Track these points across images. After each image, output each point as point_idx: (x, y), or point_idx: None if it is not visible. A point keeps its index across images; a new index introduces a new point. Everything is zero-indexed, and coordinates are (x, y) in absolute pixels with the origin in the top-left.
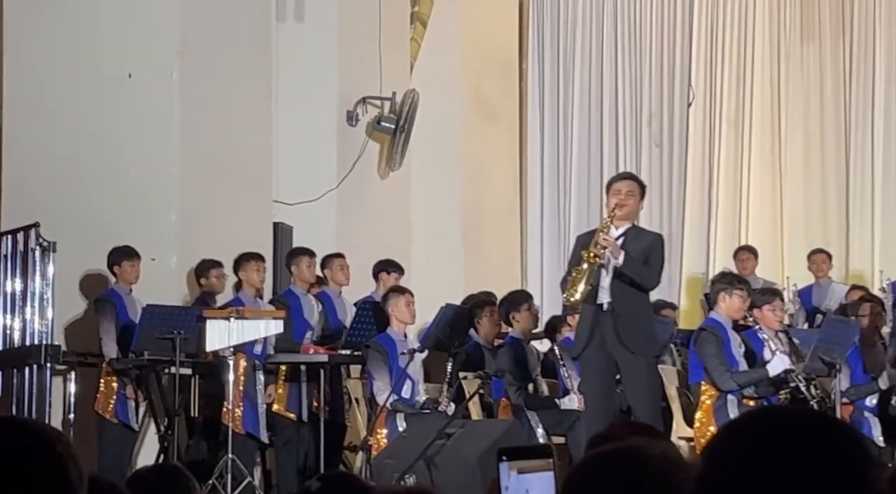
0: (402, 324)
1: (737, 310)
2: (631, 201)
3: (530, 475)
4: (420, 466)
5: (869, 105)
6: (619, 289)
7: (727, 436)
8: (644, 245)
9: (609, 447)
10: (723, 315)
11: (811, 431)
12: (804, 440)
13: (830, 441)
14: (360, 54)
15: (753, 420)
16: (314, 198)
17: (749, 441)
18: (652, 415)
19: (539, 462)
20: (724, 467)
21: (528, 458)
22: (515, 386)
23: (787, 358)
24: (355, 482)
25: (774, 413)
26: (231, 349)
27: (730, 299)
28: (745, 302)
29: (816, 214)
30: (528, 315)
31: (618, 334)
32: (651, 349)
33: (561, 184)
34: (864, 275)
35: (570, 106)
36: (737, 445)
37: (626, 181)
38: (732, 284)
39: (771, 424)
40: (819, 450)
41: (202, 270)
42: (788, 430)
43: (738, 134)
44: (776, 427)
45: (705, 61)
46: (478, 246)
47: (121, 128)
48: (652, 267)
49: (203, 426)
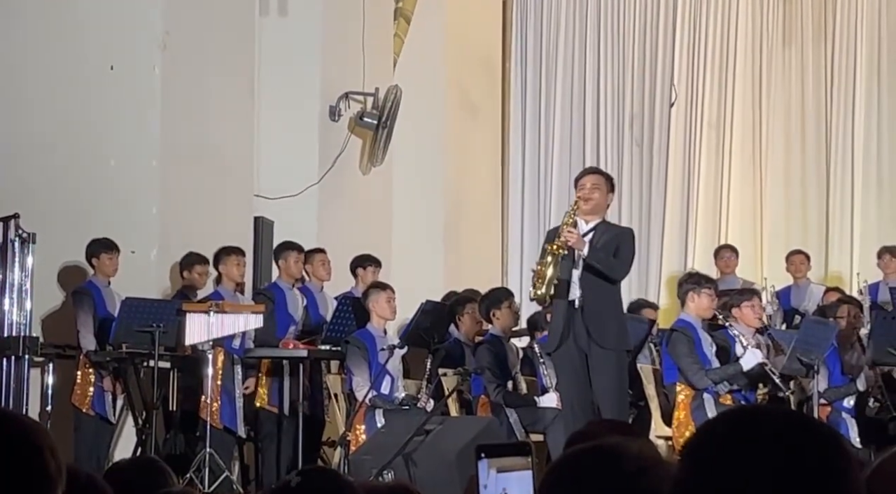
0: (382, 320)
1: (705, 309)
2: (596, 194)
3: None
4: (398, 462)
5: (850, 108)
6: (589, 284)
7: (705, 437)
8: (613, 239)
9: (586, 445)
10: (692, 315)
11: (789, 431)
12: (782, 440)
13: (809, 441)
14: (343, 49)
15: (731, 421)
16: (295, 193)
17: (727, 442)
18: (618, 411)
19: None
20: (701, 467)
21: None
22: (495, 384)
23: (759, 351)
24: (335, 477)
25: (752, 412)
26: (210, 343)
27: (698, 298)
28: (714, 301)
29: (796, 216)
30: (508, 312)
31: (587, 329)
32: (621, 344)
33: (542, 182)
34: (842, 277)
35: (553, 104)
36: (714, 445)
37: (592, 175)
38: (700, 284)
39: (749, 424)
40: (798, 450)
41: (187, 264)
42: (766, 430)
43: (719, 135)
44: (754, 427)
45: (688, 62)
46: (458, 242)
47: (102, 120)
48: (622, 259)
49: (180, 419)
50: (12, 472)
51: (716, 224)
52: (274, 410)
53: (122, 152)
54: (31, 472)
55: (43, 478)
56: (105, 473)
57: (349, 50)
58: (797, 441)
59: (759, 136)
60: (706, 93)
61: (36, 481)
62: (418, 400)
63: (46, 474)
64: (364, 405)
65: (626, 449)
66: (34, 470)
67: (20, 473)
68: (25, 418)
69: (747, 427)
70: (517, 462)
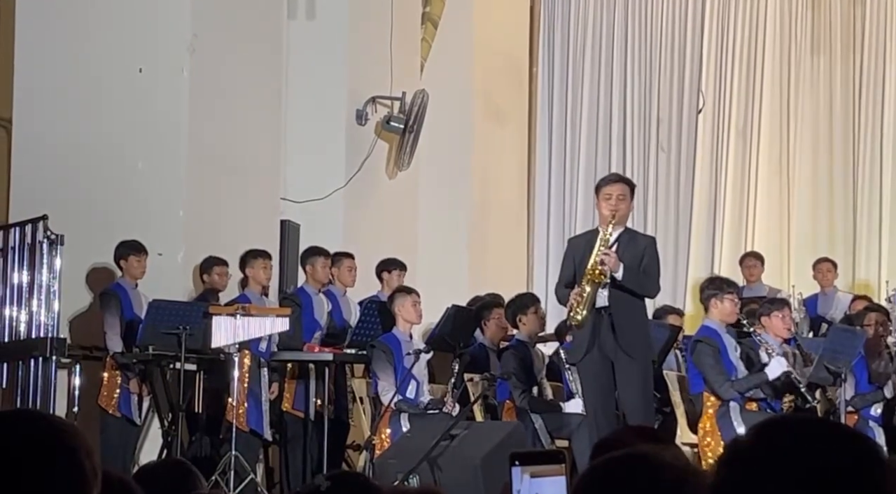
0: (407, 324)
1: (729, 314)
2: (623, 205)
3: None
4: (423, 467)
5: (878, 116)
6: (616, 294)
7: (741, 447)
8: (639, 250)
9: (623, 452)
10: (716, 320)
11: (823, 439)
12: (817, 447)
13: (843, 448)
14: (370, 53)
15: (765, 430)
16: (322, 197)
17: (762, 451)
18: (643, 420)
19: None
20: (738, 477)
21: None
22: (520, 389)
23: (784, 360)
24: (364, 481)
25: (785, 422)
26: (236, 346)
27: (721, 304)
28: (737, 306)
29: (823, 224)
30: (534, 318)
31: (615, 338)
32: (648, 353)
33: (568, 187)
34: (870, 285)
35: (579, 109)
36: (750, 455)
37: (618, 184)
38: (722, 289)
39: (782, 433)
40: (833, 458)
41: (206, 267)
42: (800, 439)
43: (746, 142)
44: (788, 436)
45: (715, 68)
46: (484, 247)
47: (130, 122)
48: (650, 275)
49: (206, 422)
50: (49, 474)
51: (742, 231)
52: (299, 414)
53: (150, 155)
54: (69, 474)
55: (79, 480)
56: (134, 475)
57: (376, 54)
58: (832, 448)
59: (787, 144)
60: (734, 99)
61: (73, 482)
62: (444, 404)
63: (82, 475)
64: (389, 409)
65: (664, 458)
66: (71, 472)
67: (57, 475)
68: (60, 420)
69: (781, 437)
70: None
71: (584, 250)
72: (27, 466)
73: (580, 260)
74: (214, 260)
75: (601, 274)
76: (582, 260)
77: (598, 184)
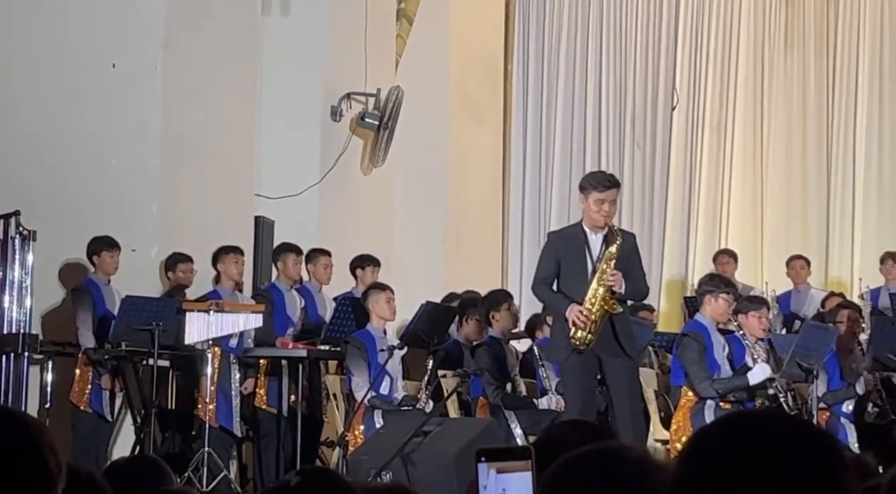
0: (381, 321)
1: (721, 313)
2: (614, 210)
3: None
4: (396, 463)
5: (851, 113)
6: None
7: (703, 440)
8: (626, 251)
9: (588, 449)
10: (707, 317)
11: (786, 435)
12: (779, 443)
13: (803, 442)
14: (345, 50)
15: (727, 424)
16: (296, 193)
17: (722, 444)
18: (637, 417)
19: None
20: (698, 470)
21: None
22: (494, 386)
23: (767, 367)
24: (335, 477)
25: (750, 416)
26: (209, 342)
27: (715, 302)
28: (731, 306)
29: (797, 220)
30: (507, 314)
31: (618, 341)
32: (639, 353)
33: (543, 184)
34: (843, 282)
35: (554, 106)
36: (711, 448)
37: (612, 191)
38: (719, 287)
39: (744, 427)
40: (793, 454)
41: (171, 263)
42: (764, 434)
43: (720, 139)
44: (749, 429)
45: (689, 66)
46: (459, 244)
47: (103, 118)
48: (639, 279)
49: (179, 418)
50: (12, 471)
51: (716, 227)
52: (272, 410)
53: (124, 150)
54: (32, 472)
55: (43, 477)
56: (104, 471)
57: (351, 50)
58: (794, 444)
59: (761, 141)
60: (708, 96)
61: (36, 480)
62: (417, 400)
63: (46, 473)
64: (363, 405)
65: (628, 454)
66: (34, 469)
67: (20, 472)
68: (25, 416)
69: (742, 430)
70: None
71: (571, 251)
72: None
73: (566, 262)
74: (179, 257)
75: (613, 305)
76: (568, 261)
77: (588, 186)
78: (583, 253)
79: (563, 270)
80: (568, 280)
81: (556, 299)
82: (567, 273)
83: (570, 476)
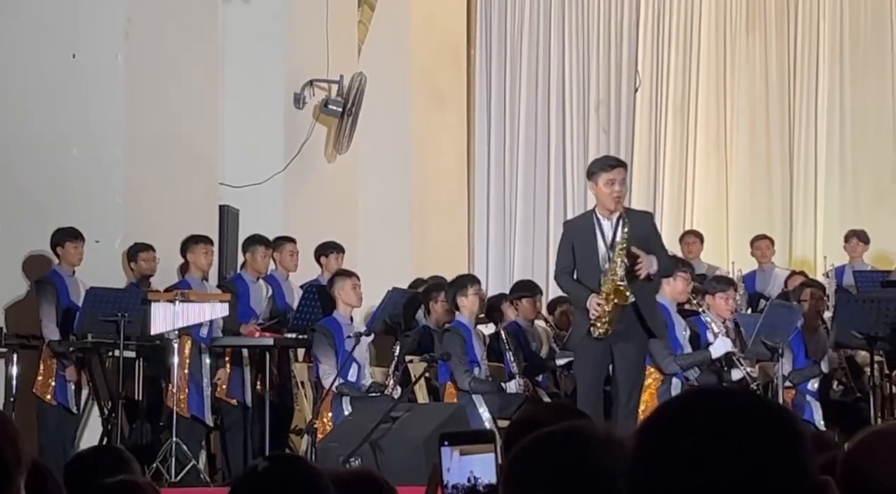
0: (348, 308)
1: (680, 293)
2: (625, 189)
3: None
4: (365, 449)
5: (812, 94)
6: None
7: (663, 412)
8: (645, 230)
9: (554, 428)
10: (667, 298)
11: (745, 408)
12: (738, 416)
13: (764, 418)
14: (307, 37)
15: (689, 398)
16: (261, 181)
17: (683, 417)
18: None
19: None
20: (657, 441)
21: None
22: (462, 370)
23: (728, 340)
24: (302, 463)
25: (710, 392)
26: (176, 331)
27: (673, 282)
28: (689, 285)
29: (761, 200)
30: (474, 298)
31: (642, 322)
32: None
33: (508, 168)
34: (807, 261)
35: (518, 90)
36: (671, 421)
37: (619, 169)
38: (676, 267)
39: (706, 402)
40: (752, 427)
41: (132, 254)
42: (723, 407)
43: (683, 120)
44: (711, 404)
45: (652, 48)
46: (425, 230)
47: (65, 109)
48: (662, 257)
49: (147, 409)
50: None
51: (681, 209)
52: (232, 402)
53: (87, 141)
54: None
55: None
56: (68, 462)
57: (313, 37)
58: (749, 415)
59: (724, 122)
60: (671, 78)
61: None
62: (385, 387)
63: (3, 463)
64: (331, 393)
65: (592, 432)
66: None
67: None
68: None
69: (702, 404)
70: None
71: (582, 239)
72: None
73: (579, 249)
74: (139, 247)
75: (627, 297)
76: (580, 249)
77: (597, 170)
78: (593, 240)
79: (577, 258)
80: (582, 268)
81: (576, 289)
82: (581, 261)
83: (535, 454)
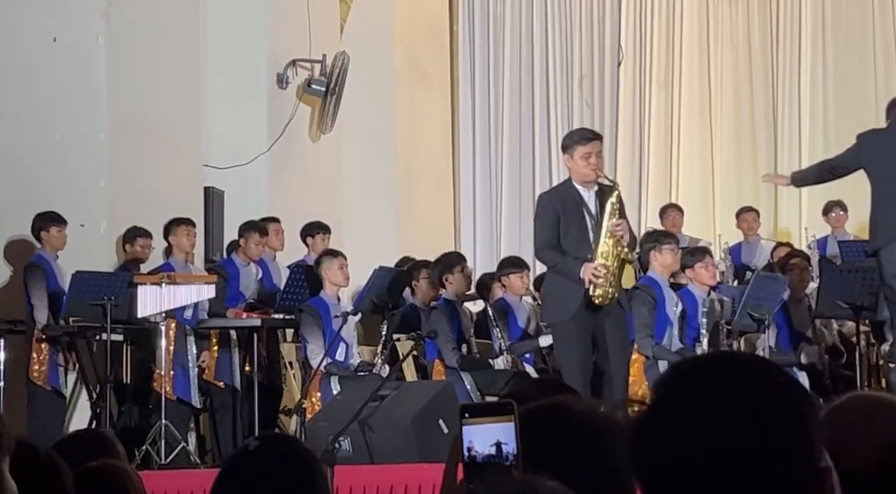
0: (335, 287)
1: (671, 264)
2: (601, 161)
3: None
4: (354, 428)
5: (796, 64)
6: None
7: (679, 370)
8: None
9: (538, 403)
10: (657, 272)
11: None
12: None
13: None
14: (289, 16)
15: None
16: (245, 162)
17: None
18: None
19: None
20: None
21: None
22: (449, 348)
23: None
24: (293, 442)
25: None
26: (162, 314)
27: (661, 256)
28: (677, 255)
29: (746, 172)
30: (461, 277)
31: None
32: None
33: (493, 145)
34: (791, 233)
35: (501, 67)
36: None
37: (596, 142)
38: (660, 240)
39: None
40: (767, 395)
41: (130, 236)
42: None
43: (668, 93)
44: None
45: (634, 21)
46: (411, 208)
47: (47, 93)
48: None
49: (135, 392)
50: None
51: (667, 182)
52: (220, 384)
53: (69, 125)
54: None
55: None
56: (52, 446)
57: (295, 16)
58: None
59: (708, 93)
60: (654, 51)
61: None
62: (374, 365)
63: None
64: (319, 372)
65: (575, 406)
66: None
67: None
68: None
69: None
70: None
71: (569, 209)
72: None
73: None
74: (139, 231)
75: (628, 252)
76: (567, 219)
77: (571, 143)
78: (581, 211)
79: (563, 230)
80: (569, 239)
81: (567, 261)
82: (567, 232)
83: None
